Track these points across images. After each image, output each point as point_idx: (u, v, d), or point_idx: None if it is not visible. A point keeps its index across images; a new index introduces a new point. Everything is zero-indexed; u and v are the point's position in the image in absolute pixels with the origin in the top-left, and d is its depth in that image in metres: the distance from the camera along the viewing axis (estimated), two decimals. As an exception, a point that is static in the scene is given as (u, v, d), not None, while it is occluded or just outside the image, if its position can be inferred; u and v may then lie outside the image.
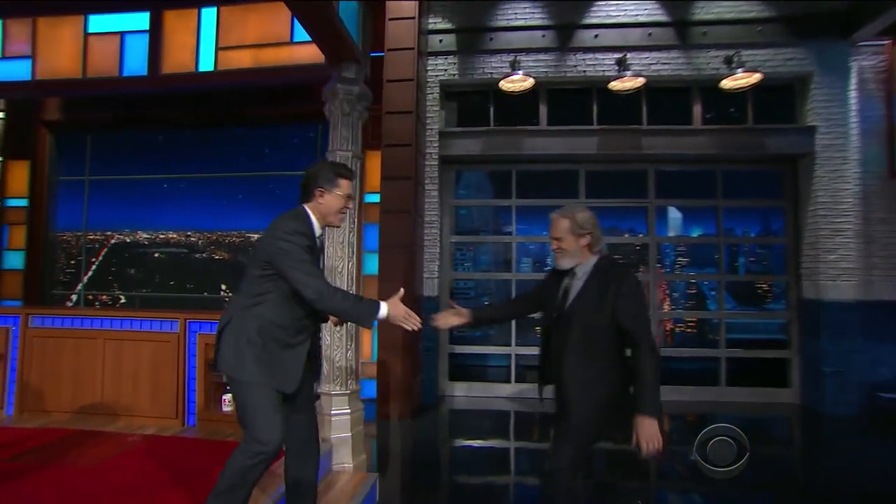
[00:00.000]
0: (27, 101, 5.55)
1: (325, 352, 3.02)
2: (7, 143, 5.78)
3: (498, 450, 4.00)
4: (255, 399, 1.68)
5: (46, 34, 3.65)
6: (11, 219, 5.78)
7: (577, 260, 1.93)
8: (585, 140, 5.11)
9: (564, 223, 1.92)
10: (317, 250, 1.87)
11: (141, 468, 2.52)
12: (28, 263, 5.71)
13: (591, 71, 5.02)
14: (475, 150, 5.23)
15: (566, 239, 1.92)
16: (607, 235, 5.86)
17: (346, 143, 3.05)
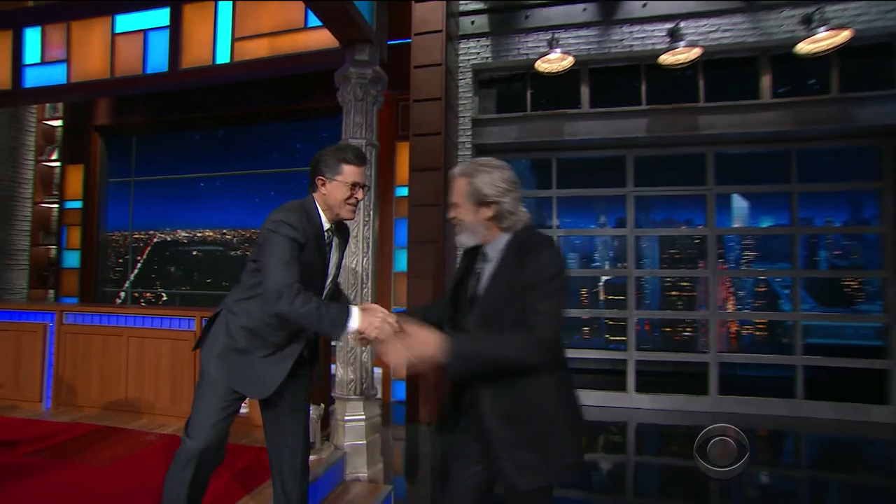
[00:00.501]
0: (75, 105, 5.88)
1: (339, 353, 2.90)
2: (65, 149, 6.18)
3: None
4: (205, 393, 1.63)
5: (80, 37, 3.79)
6: (68, 220, 6.18)
7: (481, 237, 1.44)
8: (633, 122, 4.68)
9: (461, 184, 1.43)
10: (321, 246, 1.68)
11: (153, 468, 2.49)
12: (83, 262, 6.08)
13: (639, 45, 4.57)
14: (511, 138, 4.93)
15: (462, 207, 1.43)
16: (660, 228, 5.41)
17: (360, 130, 2.90)
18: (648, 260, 5.89)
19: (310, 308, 1.45)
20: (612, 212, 5.88)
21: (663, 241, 5.73)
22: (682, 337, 5.84)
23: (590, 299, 6.33)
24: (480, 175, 1.40)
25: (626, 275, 5.01)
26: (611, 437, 4.36)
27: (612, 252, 6.35)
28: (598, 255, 6.47)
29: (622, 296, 5.32)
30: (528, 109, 4.99)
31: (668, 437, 4.33)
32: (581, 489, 3.15)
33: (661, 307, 5.82)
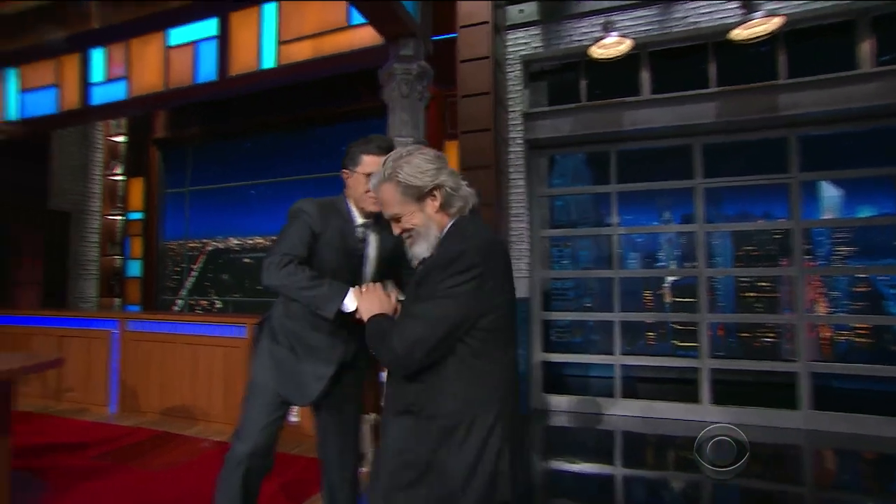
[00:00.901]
0: (137, 120, 6.28)
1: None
2: (127, 163, 6.62)
3: (601, 476, 3.51)
4: (253, 397, 1.66)
5: (138, 53, 4.02)
6: (131, 231, 6.61)
7: (436, 236, 1.26)
8: (700, 107, 4.36)
9: (389, 191, 1.26)
10: (348, 240, 1.66)
11: (208, 475, 2.54)
12: (144, 271, 6.47)
13: (706, 21, 4.26)
14: (565, 131, 4.75)
15: (405, 213, 1.26)
16: (735, 223, 5.01)
17: (407, 128, 2.86)
18: (720, 258, 5.49)
19: (296, 279, 1.44)
20: (676, 206, 5.54)
21: (737, 236, 5.32)
22: (763, 343, 5.39)
23: (654, 302, 5.98)
24: (403, 169, 1.24)
25: (696, 275, 4.67)
26: (681, 453, 4.06)
27: (677, 250, 5.97)
28: (662, 254, 6.12)
29: (692, 298, 4.97)
30: (583, 100, 4.79)
31: (751, 456, 3.97)
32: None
33: (737, 310, 5.40)
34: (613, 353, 4.83)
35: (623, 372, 4.78)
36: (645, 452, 4.03)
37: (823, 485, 3.14)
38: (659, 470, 3.52)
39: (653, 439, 4.13)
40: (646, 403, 4.60)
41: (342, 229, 1.64)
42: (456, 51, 4.45)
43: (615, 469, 3.65)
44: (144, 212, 6.52)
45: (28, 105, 4.42)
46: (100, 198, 6.76)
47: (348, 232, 1.65)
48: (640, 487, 3.36)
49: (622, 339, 4.84)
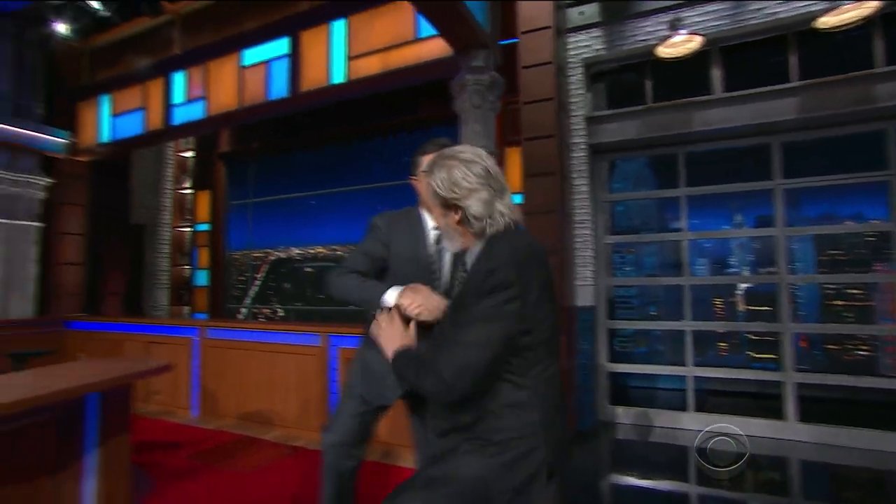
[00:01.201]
0: (204, 136, 6.70)
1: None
2: (195, 177, 7.07)
3: (673, 494, 3.40)
4: (344, 395, 1.82)
5: (215, 75, 4.32)
6: (199, 242, 7.04)
7: (460, 245, 1.30)
8: (781, 103, 4.18)
9: (426, 185, 1.30)
10: (420, 246, 1.69)
11: (290, 478, 2.68)
12: (211, 280, 6.87)
13: (786, 11, 4.09)
14: (631, 134, 4.67)
15: (433, 210, 1.30)
16: (821, 225, 4.74)
17: (479, 138, 2.92)
18: (800, 264, 5.20)
19: (346, 280, 1.55)
20: (747, 209, 5.33)
21: (820, 240, 5.03)
22: (856, 356, 5.05)
23: (726, 310, 5.75)
24: (437, 173, 1.24)
25: (777, 281, 4.45)
26: (764, 473, 3.85)
27: (750, 255, 5.72)
28: (733, 260, 5.88)
29: (768, 306, 4.74)
30: (649, 101, 4.70)
31: (845, 481, 3.72)
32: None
33: (822, 319, 5.09)
34: (685, 363, 4.67)
35: (695, 384, 4.61)
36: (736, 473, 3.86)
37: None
38: (739, 491, 3.37)
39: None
40: (722, 418, 4.40)
41: (414, 237, 1.68)
42: (517, 56, 4.48)
43: (693, 488, 3.52)
44: (211, 223, 6.92)
45: (118, 128, 4.85)
46: (170, 211, 7.25)
47: (420, 239, 1.69)
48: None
49: (694, 349, 4.68)
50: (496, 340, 1.10)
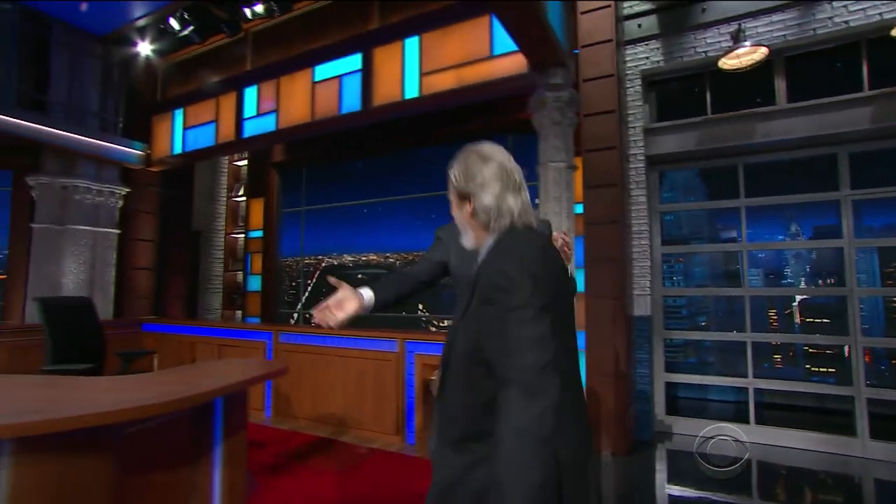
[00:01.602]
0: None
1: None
2: (249, 185, 7.38)
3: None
4: None
5: (286, 89, 4.56)
6: (252, 248, 7.33)
7: (474, 241, 1.32)
8: (849, 114, 4.18)
9: (450, 177, 1.32)
10: (461, 260, 1.63)
11: (370, 480, 2.83)
12: (263, 286, 7.14)
13: (858, 19, 4.09)
14: (690, 146, 4.72)
15: (452, 201, 1.33)
16: (883, 237, 4.69)
17: (559, 153, 3.06)
18: (864, 275, 5.14)
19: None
20: (805, 219, 5.32)
21: (885, 253, 4.97)
22: (925, 372, 4.96)
23: (779, 322, 5.71)
24: (458, 164, 1.28)
25: (845, 294, 4.42)
26: (832, 494, 3.82)
27: (807, 266, 5.69)
28: (789, 271, 5.85)
29: (824, 318, 4.72)
30: (709, 112, 4.74)
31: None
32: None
33: (887, 334, 5.03)
34: (746, 375, 4.67)
35: (755, 396, 4.60)
36: (800, 489, 3.86)
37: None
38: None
39: (807, 475, 3.94)
40: (785, 432, 4.39)
41: (460, 250, 1.60)
42: (577, 69, 4.59)
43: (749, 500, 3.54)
44: (264, 230, 7.20)
45: (190, 140, 5.16)
46: (224, 218, 7.57)
47: (465, 252, 1.62)
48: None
49: (754, 361, 4.67)
50: (545, 331, 1.08)
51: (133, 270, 5.51)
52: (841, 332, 4.65)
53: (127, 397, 1.71)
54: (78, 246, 4.93)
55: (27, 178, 4.90)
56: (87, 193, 5.02)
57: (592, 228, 4.40)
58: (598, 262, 4.33)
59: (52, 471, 1.49)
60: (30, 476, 1.45)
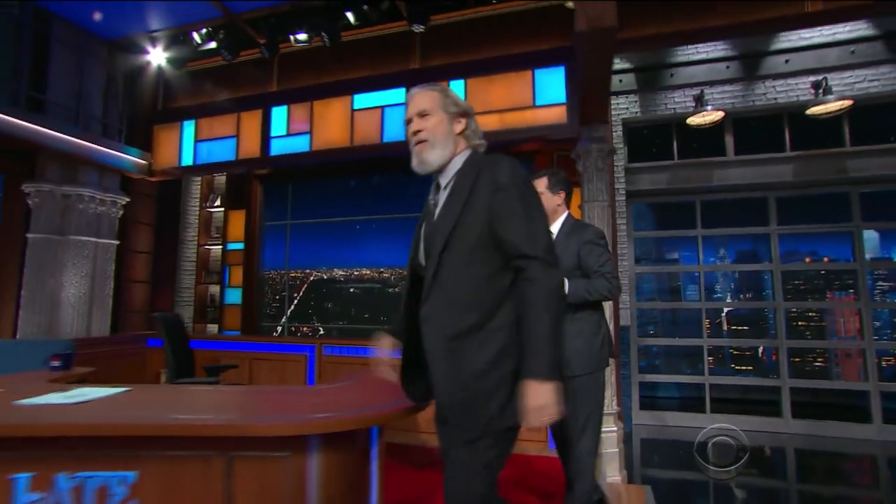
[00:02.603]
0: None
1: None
2: (227, 196, 7.33)
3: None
4: None
5: (321, 113, 4.88)
6: (231, 260, 7.27)
7: (449, 155, 1.52)
8: (779, 168, 5.51)
9: (433, 95, 1.55)
10: None
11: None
12: (244, 299, 7.12)
13: (784, 98, 5.44)
14: (662, 184, 5.82)
15: (435, 117, 1.51)
16: (801, 261, 6.11)
17: (601, 194, 3.83)
18: (769, 291, 6.59)
19: None
20: (729, 246, 6.71)
21: (787, 275, 6.30)
22: (813, 367, 6.47)
23: (712, 329, 7.06)
24: (451, 94, 1.59)
25: (774, 307, 5.74)
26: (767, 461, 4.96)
27: (732, 284, 7.10)
28: (718, 287, 7.20)
29: (744, 326, 6.13)
30: (676, 158, 5.89)
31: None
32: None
33: (790, 336, 6.47)
34: (703, 373, 5.82)
35: (710, 391, 5.76)
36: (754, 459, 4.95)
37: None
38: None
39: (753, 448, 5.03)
40: (729, 418, 5.57)
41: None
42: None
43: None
44: (245, 242, 7.21)
45: (202, 153, 5.21)
46: (195, 229, 7.42)
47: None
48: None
49: (707, 361, 5.85)
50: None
51: (130, 283, 5.35)
52: (758, 337, 6.03)
53: (357, 402, 2.06)
54: (80, 258, 4.75)
55: (24, 186, 4.64)
56: (91, 203, 4.86)
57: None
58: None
59: (339, 460, 1.84)
60: (329, 464, 1.81)
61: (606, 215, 3.69)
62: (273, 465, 1.74)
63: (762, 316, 6.49)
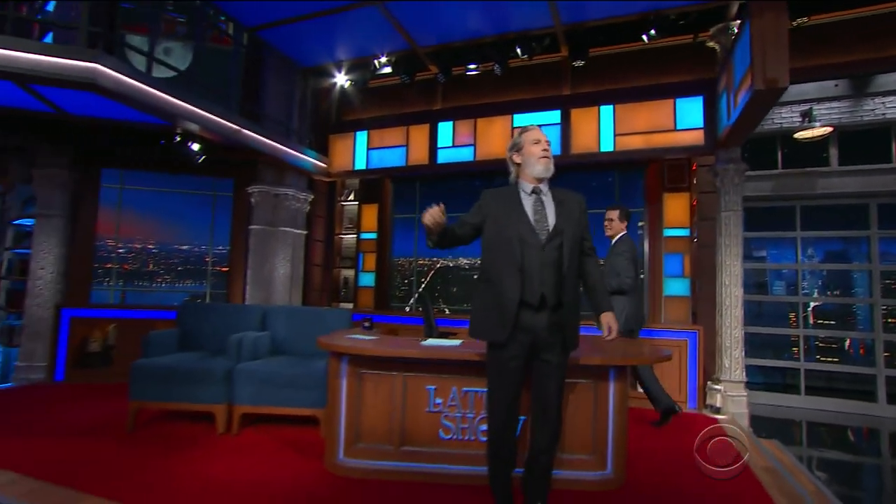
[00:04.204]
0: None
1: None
2: (363, 192, 8.59)
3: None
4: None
5: (483, 129, 5.98)
6: (364, 248, 8.54)
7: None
8: (882, 178, 6.25)
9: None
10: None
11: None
12: (377, 282, 8.39)
13: (893, 113, 6.14)
14: (766, 191, 6.65)
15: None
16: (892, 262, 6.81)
17: (736, 205, 4.78)
18: (861, 289, 7.31)
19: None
20: (818, 247, 7.45)
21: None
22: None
23: (798, 322, 7.81)
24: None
25: (872, 303, 6.54)
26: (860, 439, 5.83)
27: (819, 282, 7.86)
28: (805, 284, 7.96)
29: (831, 321, 6.94)
30: (780, 167, 6.70)
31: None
32: None
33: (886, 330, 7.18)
34: (799, 359, 6.68)
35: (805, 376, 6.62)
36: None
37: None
38: None
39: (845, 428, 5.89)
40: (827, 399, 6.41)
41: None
42: (694, 129, 6.36)
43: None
44: (378, 233, 8.45)
45: (373, 158, 6.43)
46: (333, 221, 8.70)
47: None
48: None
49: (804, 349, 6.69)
50: None
51: (313, 266, 6.66)
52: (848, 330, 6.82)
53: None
54: (285, 245, 6.07)
55: (248, 188, 5.97)
56: (294, 201, 6.17)
57: (700, 249, 6.14)
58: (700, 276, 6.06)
59: (619, 387, 2.97)
60: (616, 388, 2.93)
61: (740, 221, 4.65)
62: (591, 387, 2.89)
63: (849, 311, 7.27)
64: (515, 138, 2.63)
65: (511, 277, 2.33)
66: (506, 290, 2.33)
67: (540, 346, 2.37)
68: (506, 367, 2.37)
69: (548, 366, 2.39)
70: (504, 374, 2.39)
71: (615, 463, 2.97)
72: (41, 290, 5.44)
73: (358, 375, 3.09)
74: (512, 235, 2.37)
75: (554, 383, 2.40)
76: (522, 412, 2.70)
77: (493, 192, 2.56)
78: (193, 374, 3.72)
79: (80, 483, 2.71)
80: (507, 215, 2.42)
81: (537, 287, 2.32)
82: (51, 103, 4.44)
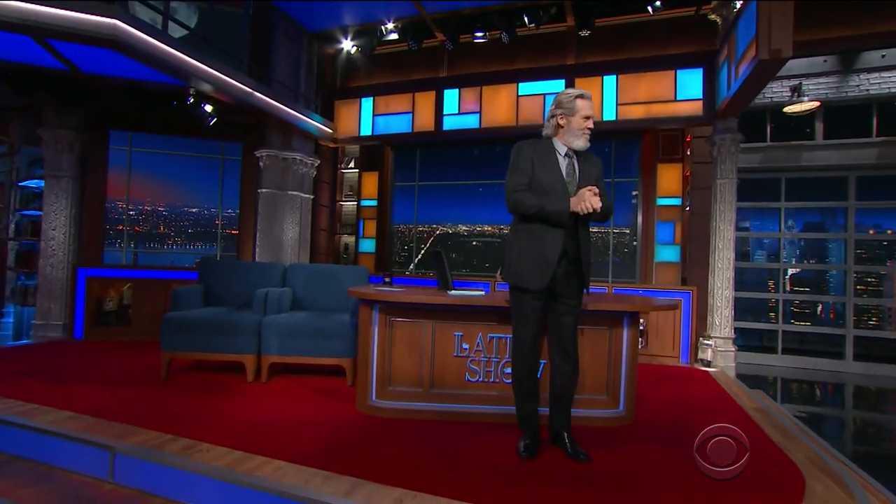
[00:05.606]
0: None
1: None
2: (365, 160, 8.62)
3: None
4: None
5: (489, 97, 6.08)
6: (364, 215, 8.63)
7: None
8: (862, 151, 6.56)
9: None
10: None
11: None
12: (377, 248, 8.53)
13: (876, 89, 6.42)
14: (755, 163, 6.93)
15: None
16: (865, 233, 7.20)
17: (729, 173, 5.02)
18: (835, 258, 7.72)
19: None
20: (798, 218, 7.81)
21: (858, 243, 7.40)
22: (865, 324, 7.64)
23: (776, 288, 8.22)
24: None
25: (845, 269, 6.94)
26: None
27: (797, 251, 8.26)
28: (784, 253, 8.37)
29: (806, 287, 7.35)
30: (769, 140, 6.96)
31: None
32: None
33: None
34: (777, 321, 7.09)
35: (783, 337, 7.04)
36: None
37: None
38: None
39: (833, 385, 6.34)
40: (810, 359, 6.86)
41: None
42: (690, 101, 6.55)
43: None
44: (378, 200, 8.54)
45: (379, 125, 6.48)
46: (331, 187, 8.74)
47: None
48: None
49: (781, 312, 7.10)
50: None
51: (319, 230, 6.75)
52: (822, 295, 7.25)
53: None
54: (294, 209, 6.14)
55: (256, 152, 5.99)
56: (302, 165, 6.21)
57: (694, 217, 6.42)
58: (696, 242, 6.37)
59: (632, 334, 3.23)
60: (629, 334, 3.19)
61: (734, 189, 4.90)
62: (606, 333, 3.14)
63: (822, 278, 7.69)
64: (568, 101, 2.66)
65: (552, 232, 2.57)
66: (548, 244, 2.57)
67: (558, 291, 2.65)
68: (530, 307, 2.64)
69: (566, 306, 2.68)
70: (529, 315, 2.65)
71: (627, 402, 3.25)
72: (54, 251, 5.45)
73: (389, 323, 3.28)
74: (553, 194, 2.58)
75: (571, 320, 2.69)
76: (542, 356, 2.94)
77: (531, 144, 2.71)
78: (224, 325, 3.86)
79: (134, 420, 2.87)
80: (548, 173, 2.61)
81: (570, 242, 2.60)
82: (67, 60, 4.39)
